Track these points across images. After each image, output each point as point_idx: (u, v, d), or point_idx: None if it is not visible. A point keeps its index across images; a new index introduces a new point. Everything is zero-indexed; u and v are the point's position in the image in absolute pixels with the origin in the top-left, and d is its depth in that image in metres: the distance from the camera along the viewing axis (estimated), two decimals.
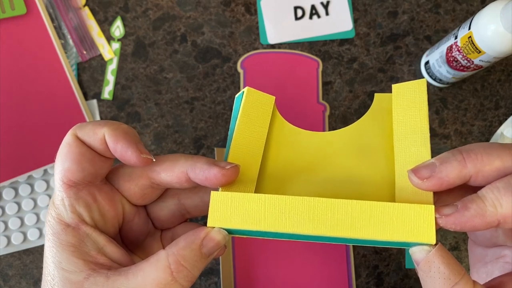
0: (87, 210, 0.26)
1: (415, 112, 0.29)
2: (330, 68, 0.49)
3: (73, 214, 0.26)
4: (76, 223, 0.26)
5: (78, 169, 0.26)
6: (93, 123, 0.27)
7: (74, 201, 0.26)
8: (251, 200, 0.25)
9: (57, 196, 0.26)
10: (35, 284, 0.46)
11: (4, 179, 0.45)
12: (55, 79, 0.47)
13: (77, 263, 0.25)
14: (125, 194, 0.29)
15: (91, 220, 0.26)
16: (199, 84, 0.49)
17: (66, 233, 0.26)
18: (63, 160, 0.26)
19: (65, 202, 0.26)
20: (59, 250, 0.25)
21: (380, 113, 0.31)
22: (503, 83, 0.50)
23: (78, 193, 0.26)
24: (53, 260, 0.25)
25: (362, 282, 0.47)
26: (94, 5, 0.49)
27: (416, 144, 0.28)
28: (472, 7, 0.51)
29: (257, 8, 0.50)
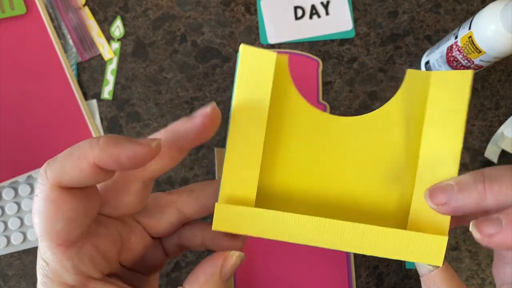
0: (93, 265, 0.23)
1: (450, 118, 0.25)
2: (330, 68, 0.49)
3: (78, 275, 0.23)
4: (83, 283, 0.23)
5: (75, 227, 0.22)
6: (65, 157, 0.21)
7: (76, 261, 0.23)
8: (257, 215, 0.25)
9: (50, 259, 0.23)
10: (34, 284, 0.46)
11: (4, 179, 0.45)
12: (54, 79, 0.47)
13: (73, 277, 0.23)
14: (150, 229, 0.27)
15: (99, 273, 0.24)
16: (199, 84, 0.49)
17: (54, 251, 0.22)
18: (52, 221, 0.22)
19: (66, 264, 0.22)
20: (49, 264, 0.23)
21: (411, 99, 0.27)
22: (503, 83, 0.50)
23: (79, 251, 0.23)
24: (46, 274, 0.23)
25: (363, 282, 0.47)
26: (94, 5, 0.49)
27: (444, 164, 0.25)
28: (472, 7, 0.51)
29: (257, 8, 0.50)
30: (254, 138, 0.25)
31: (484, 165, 0.49)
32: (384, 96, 0.49)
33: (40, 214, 0.22)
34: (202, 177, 0.48)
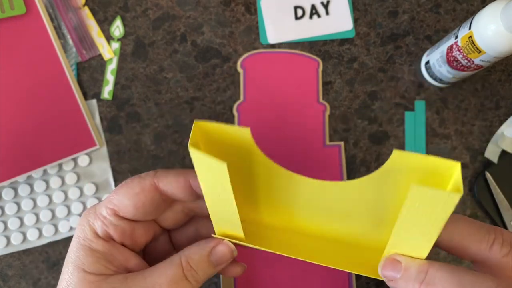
0: (121, 236, 0.28)
1: (428, 220, 0.24)
2: (330, 68, 0.49)
3: (106, 232, 0.28)
4: (108, 239, 0.28)
5: (136, 213, 0.28)
6: (174, 173, 0.28)
7: (112, 226, 0.28)
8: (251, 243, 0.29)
9: (101, 210, 0.28)
10: (34, 284, 0.46)
11: (4, 179, 0.45)
12: (54, 79, 0.47)
13: (100, 268, 0.27)
14: (161, 222, 0.31)
15: (121, 241, 0.29)
16: (199, 84, 0.49)
17: (97, 242, 0.27)
18: (128, 197, 0.28)
19: (105, 222, 0.28)
20: (85, 254, 0.27)
21: (393, 177, 0.27)
22: (504, 83, 0.50)
23: (119, 221, 0.28)
24: (75, 261, 0.27)
25: (363, 283, 0.47)
26: (94, 4, 0.49)
27: (418, 241, 0.25)
28: (473, 6, 0.51)
29: (257, 8, 0.50)
30: (224, 198, 0.26)
31: (484, 165, 0.49)
32: (384, 96, 0.49)
33: (124, 189, 0.28)
34: None
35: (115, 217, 0.28)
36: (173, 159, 0.48)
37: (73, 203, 0.47)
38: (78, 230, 0.28)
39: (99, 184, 0.47)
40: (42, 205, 0.47)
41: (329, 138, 0.49)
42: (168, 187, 0.28)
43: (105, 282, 0.27)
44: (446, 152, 0.49)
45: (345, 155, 0.48)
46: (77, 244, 0.28)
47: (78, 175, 0.47)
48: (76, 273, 0.27)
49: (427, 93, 0.49)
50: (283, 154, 0.48)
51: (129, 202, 0.28)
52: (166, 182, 0.28)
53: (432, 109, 0.49)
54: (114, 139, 0.48)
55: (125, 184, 0.29)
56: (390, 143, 0.49)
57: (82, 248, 0.27)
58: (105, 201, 0.28)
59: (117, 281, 0.27)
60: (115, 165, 0.48)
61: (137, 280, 0.27)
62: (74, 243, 0.28)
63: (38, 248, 0.47)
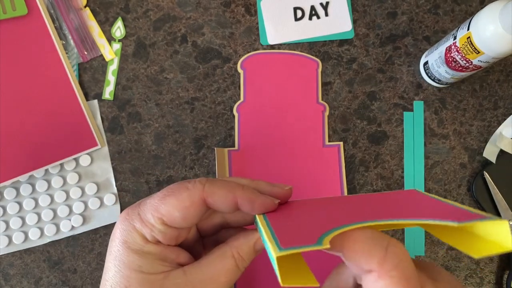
0: (168, 241, 0.30)
1: None
2: (330, 69, 0.50)
3: (155, 238, 0.29)
4: (157, 242, 0.29)
5: (184, 224, 0.29)
6: (223, 189, 0.29)
7: (161, 233, 0.29)
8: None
9: (147, 217, 0.29)
10: (36, 283, 0.47)
11: (5, 179, 0.46)
12: (56, 80, 0.47)
13: (157, 267, 0.28)
14: (200, 226, 0.33)
15: (168, 243, 0.30)
16: (200, 84, 0.49)
17: (148, 245, 0.29)
18: (178, 210, 0.28)
19: (154, 229, 0.29)
20: (140, 257, 0.28)
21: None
22: (502, 84, 0.50)
23: (167, 229, 0.29)
24: (130, 265, 0.28)
25: None
26: (95, 5, 0.50)
27: None
28: (471, 7, 0.51)
29: (257, 9, 0.50)
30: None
31: (482, 165, 0.49)
32: (383, 96, 0.49)
33: (174, 198, 0.28)
34: (202, 176, 0.48)
35: (163, 225, 0.29)
36: (173, 159, 0.48)
37: (74, 202, 0.47)
38: (124, 234, 0.29)
39: (100, 183, 0.48)
40: (44, 205, 0.47)
41: (328, 138, 0.49)
42: (217, 203, 0.29)
43: (166, 279, 0.28)
44: (444, 152, 0.49)
45: (344, 155, 0.49)
46: (127, 249, 0.29)
47: (79, 175, 0.48)
48: (135, 275, 0.28)
49: (425, 93, 0.50)
50: (283, 154, 0.48)
51: (178, 214, 0.29)
52: (215, 198, 0.29)
53: (430, 109, 0.49)
54: (115, 139, 0.48)
55: (172, 193, 0.29)
56: (389, 143, 0.49)
57: (135, 252, 0.28)
58: (150, 207, 0.29)
59: (178, 276, 0.29)
60: (116, 165, 0.48)
61: (195, 273, 0.29)
62: (122, 247, 0.29)
63: (39, 247, 0.47)
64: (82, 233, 0.47)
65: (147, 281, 0.28)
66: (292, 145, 0.48)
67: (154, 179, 0.48)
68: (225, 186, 0.29)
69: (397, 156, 0.49)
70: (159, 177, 0.48)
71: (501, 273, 0.48)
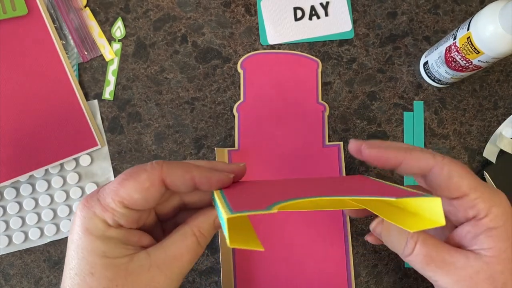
0: (130, 224, 0.30)
1: None
2: (330, 69, 0.50)
3: (117, 222, 0.29)
4: (119, 226, 0.30)
5: (145, 205, 0.30)
6: (181, 169, 0.30)
7: (123, 217, 0.29)
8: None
9: (107, 202, 0.29)
10: (36, 283, 0.47)
11: (5, 179, 0.46)
12: (56, 80, 0.47)
13: (121, 251, 0.29)
14: (159, 209, 0.34)
15: (129, 227, 0.31)
16: (200, 84, 0.49)
17: (110, 230, 0.29)
18: (138, 191, 0.29)
19: (115, 213, 0.29)
20: (102, 242, 0.29)
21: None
22: (502, 84, 0.50)
23: (129, 212, 0.29)
24: (93, 251, 0.28)
25: (362, 281, 0.47)
26: (95, 5, 0.50)
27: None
28: (471, 7, 0.51)
29: (257, 9, 0.50)
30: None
31: (482, 165, 0.49)
32: (383, 96, 0.49)
33: (132, 179, 0.29)
34: None
35: (124, 208, 0.29)
36: (173, 159, 0.48)
37: (74, 202, 0.47)
38: (85, 222, 0.29)
39: (100, 183, 0.48)
40: (44, 205, 0.47)
41: (329, 138, 0.49)
42: (175, 183, 0.30)
43: (131, 262, 0.29)
44: (444, 152, 0.49)
45: (344, 155, 0.49)
46: (89, 235, 0.29)
47: (79, 175, 0.48)
48: (99, 261, 0.28)
49: (425, 93, 0.50)
50: (283, 154, 0.48)
51: (139, 196, 0.29)
52: (173, 178, 0.30)
53: (430, 110, 0.49)
54: (115, 139, 0.48)
55: (130, 176, 0.29)
56: None
57: (97, 238, 0.29)
58: (110, 192, 0.29)
59: (142, 258, 0.29)
60: (116, 165, 0.48)
61: (158, 254, 0.29)
62: (84, 235, 0.29)
63: (39, 247, 0.47)
64: None
65: (112, 265, 0.28)
66: (292, 145, 0.48)
67: None
68: (182, 166, 0.30)
69: None
70: None
71: None
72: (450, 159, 0.32)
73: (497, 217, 0.30)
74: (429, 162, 0.32)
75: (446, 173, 0.31)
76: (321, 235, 0.47)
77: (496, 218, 0.30)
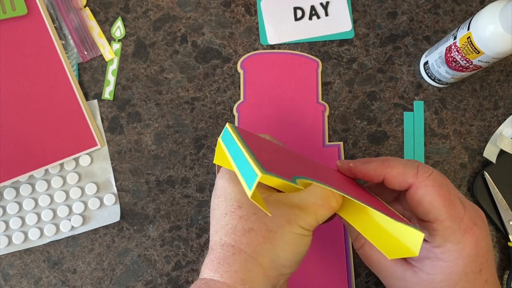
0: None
1: None
2: (330, 69, 0.50)
3: None
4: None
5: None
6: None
7: None
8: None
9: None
10: (35, 284, 0.47)
11: (5, 179, 0.46)
12: (56, 80, 0.47)
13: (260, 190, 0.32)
14: None
15: None
16: (200, 84, 0.49)
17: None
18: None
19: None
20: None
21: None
22: (502, 84, 0.50)
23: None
24: (240, 191, 0.32)
25: (362, 282, 0.47)
26: (95, 5, 0.50)
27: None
28: (471, 7, 0.51)
29: (257, 9, 0.50)
30: None
31: (482, 165, 0.49)
32: (383, 96, 0.49)
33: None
34: (202, 177, 0.48)
35: None
36: (173, 159, 0.48)
37: (74, 202, 0.47)
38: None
39: (100, 183, 0.48)
40: (44, 205, 0.47)
41: (329, 138, 0.49)
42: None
43: (270, 197, 0.31)
44: (444, 152, 0.49)
45: (344, 155, 0.49)
46: (231, 182, 0.32)
47: (79, 175, 0.48)
48: (244, 197, 0.31)
49: (426, 93, 0.50)
50: None
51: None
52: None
53: (430, 110, 0.49)
54: (115, 139, 0.48)
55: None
56: (389, 143, 0.49)
57: (238, 183, 0.32)
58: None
59: (276, 195, 0.32)
60: (116, 165, 0.48)
61: (297, 195, 0.32)
62: (228, 182, 0.32)
63: (39, 247, 0.47)
64: (82, 233, 0.47)
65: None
66: (292, 145, 0.48)
67: (154, 179, 0.48)
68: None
69: (397, 156, 0.49)
70: (159, 177, 0.48)
71: (501, 273, 0.48)
72: (433, 180, 0.32)
73: (448, 253, 0.31)
74: (407, 180, 0.32)
75: (418, 197, 0.32)
76: (321, 235, 0.47)
77: (447, 253, 0.31)
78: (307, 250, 0.32)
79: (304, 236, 0.31)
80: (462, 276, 0.31)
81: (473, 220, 0.32)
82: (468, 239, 0.31)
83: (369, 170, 0.34)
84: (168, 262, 0.47)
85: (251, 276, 0.29)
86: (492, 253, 0.33)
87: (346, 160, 0.37)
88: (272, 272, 0.30)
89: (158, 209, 0.48)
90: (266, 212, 0.29)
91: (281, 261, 0.30)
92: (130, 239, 0.47)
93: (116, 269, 0.47)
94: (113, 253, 0.47)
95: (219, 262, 0.30)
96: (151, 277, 0.47)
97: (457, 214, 0.31)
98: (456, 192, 0.33)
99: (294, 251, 0.30)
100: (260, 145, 0.33)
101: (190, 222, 0.48)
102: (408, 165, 0.33)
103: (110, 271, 0.47)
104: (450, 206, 0.31)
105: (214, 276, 0.29)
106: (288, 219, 0.30)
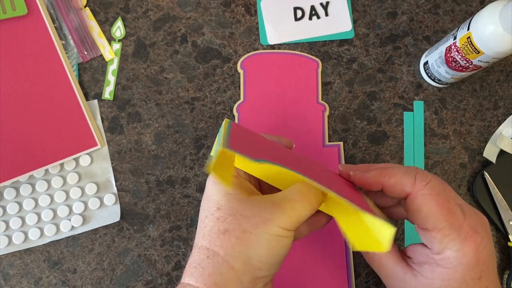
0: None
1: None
2: (330, 69, 0.50)
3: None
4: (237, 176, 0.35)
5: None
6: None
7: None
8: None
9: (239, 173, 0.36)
10: (35, 283, 0.47)
11: (5, 179, 0.46)
12: (56, 80, 0.47)
13: (241, 191, 0.33)
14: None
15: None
16: (200, 84, 0.49)
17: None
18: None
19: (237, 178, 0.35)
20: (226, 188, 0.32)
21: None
22: (502, 84, 0.50)
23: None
24: (220, 192, 0.32)
25: (362, 281, 0.47)
26: (95, 5, 0.50)
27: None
28: (471, 7, 0.51)
29: (257, 9, 0.50)
30: None
31: (482, 165, 0.49)
32: (383, 96, 0.49)
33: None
34: (202, 177, 0.48)
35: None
36: (173, 159, 0.48)
37: (74, 202, 0.47)
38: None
39: (100, 183, 0.48)
40: (44, 205, 0.47)
41: (329, 138, 0.49)
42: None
43: (249, 197, 0.32)
44: (444, 152, 0.49)
45: (344, 155, 0.49)
46: (216, 185, 0.32)
47: (79, 175, 0.48)
48: (223, 197, 0.32)
49: (425, 93, 0.50)
50: None
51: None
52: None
53: (430, 110, 0.49)
54: (115, 139, 0.48)
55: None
56: (389, 143, 0.49)
57: (223, 186, 0.32)
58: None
59: (257, 196, 0.32)
60: (116, 165, 0.48)
61: (278, 195, 0.32)
62: (212, 185, 0.33)
63: (39, 247, 0.47)
64: (82, 233, 0.47)
65: (233, 197, 0.32)
66: None
67: (154, 179, 0.48)
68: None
69: (397, 156, 0.49)
70: (159, 177, 0.48)
71: (501, 273, 0.48)
72: (430, 188, 0.32)
73: (447, 260, 0.31)
74: (405, 189, 0.32)
75: (416, 206, 0.32)
76: (321, 235, 0.47)
77: (447, 260, 0.31)
78: (286, 252, 0.31)
79: (281, 237, 0.30)
80: (461, 282, 0.31)
81: (474, 228, 0.31)
82: (468, 246, 0.31)
83: (368, 179, 0.34)
84: (168, 262, 0.47)
85: (222, 280, 0.29)
86: (494, 260, 0.32)
87: (347, 165, 0.37)
88: (245, 275, 0.29)
89: (158, 209, 0.48)
90: (228, 187, 0.29)
91: (254, 263, 0.29)
92: (130, 239, 0.47)
93: (116, 269, 0.47)
94: (113, 253, 0.47)
95: (195, 266, 0.30)
96: (151, 277, 0.47)
97: (456, 222, 0.31)
98: (456, 198, 0.33)
99: (269, 253, 0.30)
100: (249, 139, 0.33)
101: (190, 222, 0.48)
102: (406, 174, 0.33)
103: (110, 271, 0.47)
104: (448, 214, 0.31)
105: (190, 280, 0.29)
106: (265, 219, 0.30)
